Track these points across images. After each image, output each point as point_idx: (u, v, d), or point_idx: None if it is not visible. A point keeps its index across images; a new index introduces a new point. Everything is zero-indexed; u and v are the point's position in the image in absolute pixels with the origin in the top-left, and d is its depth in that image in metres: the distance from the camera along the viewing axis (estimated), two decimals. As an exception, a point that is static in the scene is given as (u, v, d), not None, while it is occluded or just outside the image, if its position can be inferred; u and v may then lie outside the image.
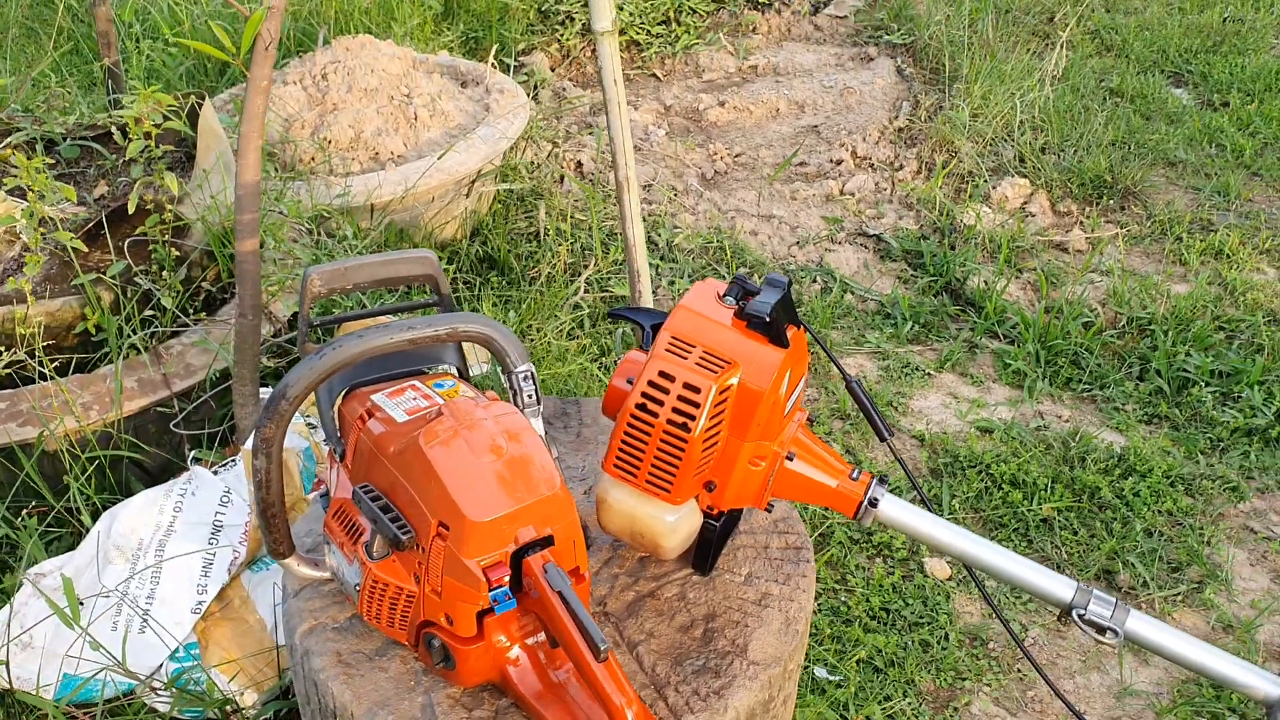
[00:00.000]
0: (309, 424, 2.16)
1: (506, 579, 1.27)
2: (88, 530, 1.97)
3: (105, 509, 2.02)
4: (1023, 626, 2.46)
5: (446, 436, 1.32)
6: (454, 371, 1.59)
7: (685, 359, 1.38)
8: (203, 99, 2.61)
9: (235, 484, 2.01)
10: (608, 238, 3.64)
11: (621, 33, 5.21)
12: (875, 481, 1.49)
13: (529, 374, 1.46)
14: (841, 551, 2.58)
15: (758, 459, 1.44)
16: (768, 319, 1.38)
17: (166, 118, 2.37)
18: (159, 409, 2.21)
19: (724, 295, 1.45)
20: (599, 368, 2.99)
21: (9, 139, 2.66)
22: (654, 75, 5.25)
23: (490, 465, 1.31)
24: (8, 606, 1.83)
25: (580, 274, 3.42)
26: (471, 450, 1.31)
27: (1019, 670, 2.34)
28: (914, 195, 4.13)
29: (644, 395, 1.38)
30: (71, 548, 2.03)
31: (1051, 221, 4.04)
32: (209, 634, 1.90)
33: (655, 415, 1.37)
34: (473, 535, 1.26)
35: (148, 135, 2.35)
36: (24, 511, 2.01)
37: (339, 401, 1.53)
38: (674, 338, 1.40)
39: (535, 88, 4.81)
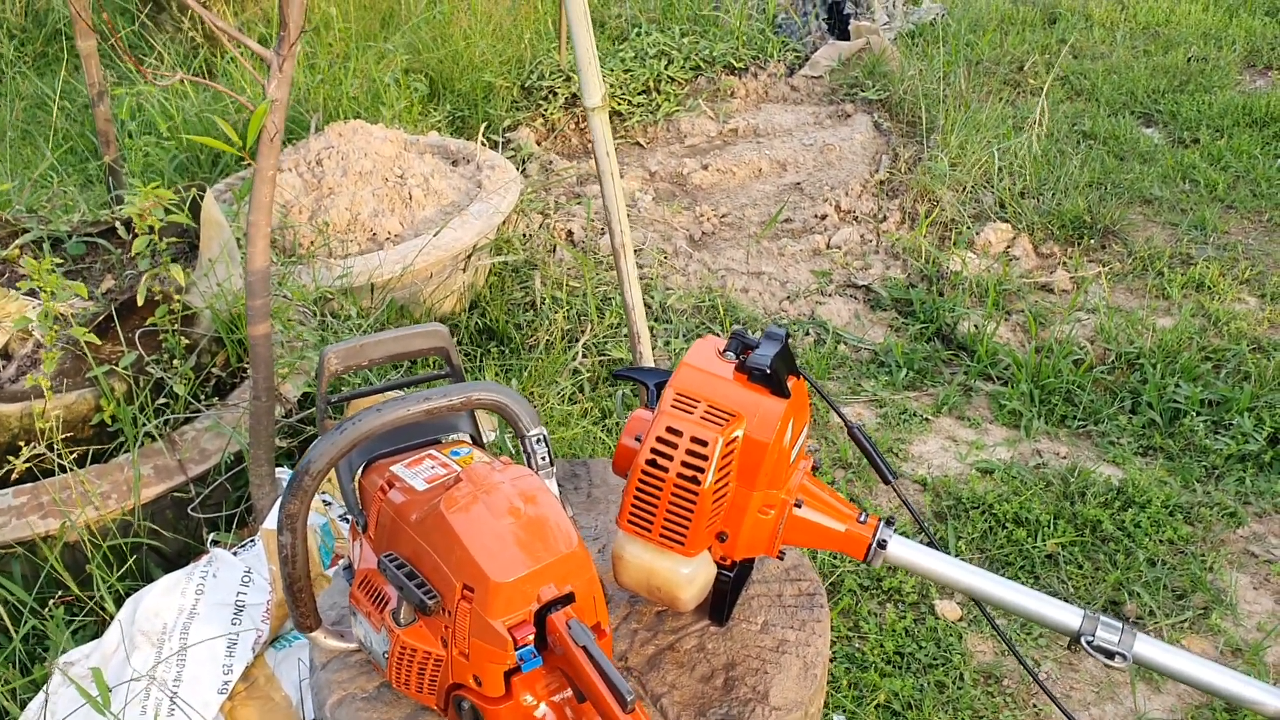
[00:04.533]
0: (324, 500, 2.20)
1: (531, 637, 1.31)
2: (112, 618, 2.00)
3: (127, 595, 2.05)
4: (1035, 661, 2.49)
5: (466, 501, 1.37)
6: (468, 439, 1.63)
7: (691, 414, 1.43)
8: (203, 191, 2.69)
9: (255, 564, 2.05)
10: (602, 303, 3.71)
11: (603, 104, 5.34)
12: (882, 524, 1.54)
13: (541, 437, 1.51)
14: (853, 599, 2.61)
15: (767, 507, 1.48)
16: (768, 370, 1.43)
17: (170, 211, 2.45)
18: (175, 494, 2.26)
19: (724, 350, 1.51)
20: (602, 430, 3.04)
21: (18, 240, 2.73)
22: (637, 143, 5.37)
23: (510, 527, 1.35)
24: (40, 695, 1.86)
25: (578, 339, 3.48)
26: (491, 513, 1.36)
27: (1035, 706, 2.37)
28: (899, 245, 4.21)
29: (653, 451, 1.42)
30: (96, 635, 2.06)
31: (1035, 264, 4.13)
32: (236, 713, 1.92)
33: (665, 470, 1.41)
34: (497, 596, 1.29)
35: (151, 230, 2.42)
36: (50, 602, 2.05)
37: (359, 475, 1.57)
38: (679, 394, 1.46)
39: (523, 161, 4.92)
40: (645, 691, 1.52)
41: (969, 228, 4.23)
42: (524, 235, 4.07)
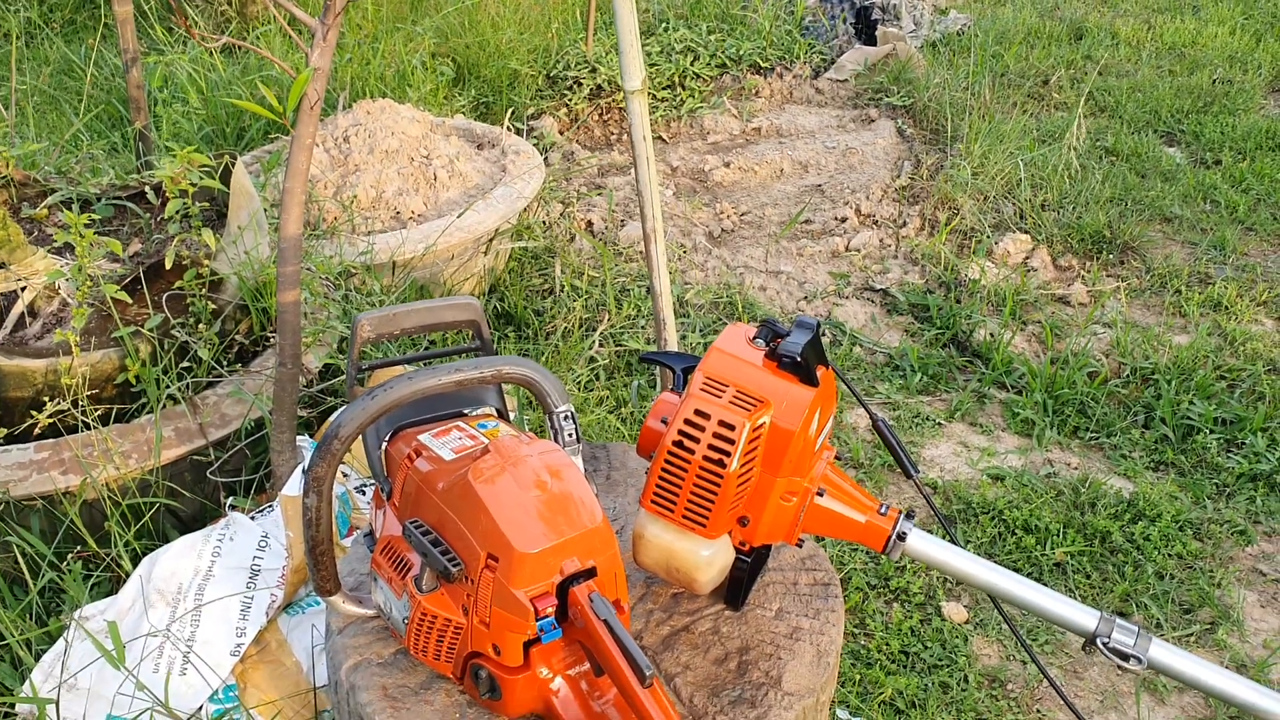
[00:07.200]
0: (343, 472, 2.21)
1: (553, 609, 1.32)
2: (128, 575, 2.01)
3: (144, 554, 2.07)
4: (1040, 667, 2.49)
5: (494, 473, 1.38)
6: (494, 412, 1.64)
7: (719, 398, 1.44)
8: (235, 159, 2.70)
9: (272, 529, 2.06)
10: (620, 294, 3.72)
11: (628, 96, 5.35)
12: (902, 516, 1.55)
13: (569, 414, 1.52)
14: (860, 597, 2.62)
15: (789, 494, 1.49)
16: (798, 359, 1.44)
17: (202, 176, 2.46)
18: (195, 457, 2.27)
19: (754, 338, 1.51)
20: (617, 419, 3.05)
21: (47, 200, 2.75)
22: (660, 138, 5.37)
23: (536, 500, 1.36)
24: (55, 647, 1.87)
25: (595, 329, 3.49)
26: (518, 485, 1.37)
27: (1038, 710, 2.38)
28: (918, 251, 4.22)
29: (680, 433, 1.43)
30: (112, 592, 2.08)
31: (1053, 276, 4.13)
32: (247, 676, 1.94)
33: (692, 452, 1.42)
34: (521, 566, 1.30)
35: (184, 194, 2.44)
36: (69, 557, 2.06)
37: (385, 442, 1.58)
38: (708, 378, 1.46)
39: (545, 150, 4.93)
40: (659, 671, 1.53)
41: (988, 237, 4.23)
42: (544, 223, 4.09)
